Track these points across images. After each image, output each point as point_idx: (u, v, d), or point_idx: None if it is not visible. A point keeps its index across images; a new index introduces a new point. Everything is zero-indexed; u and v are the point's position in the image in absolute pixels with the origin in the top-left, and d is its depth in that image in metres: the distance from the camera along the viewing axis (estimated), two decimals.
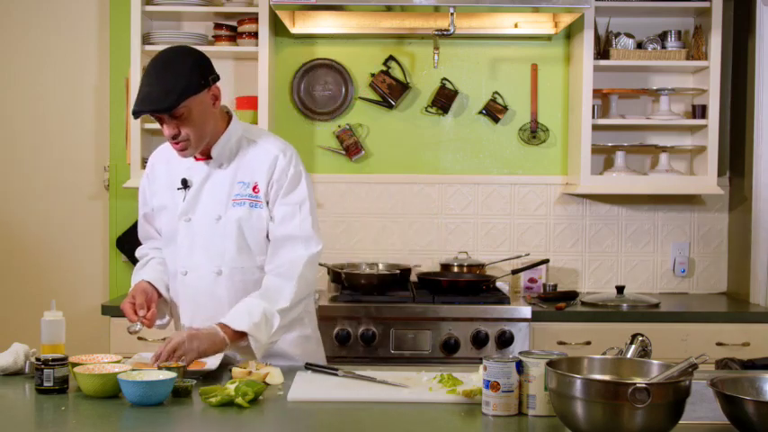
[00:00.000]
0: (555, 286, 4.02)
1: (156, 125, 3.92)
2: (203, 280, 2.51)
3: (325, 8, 3.84)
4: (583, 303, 3.82)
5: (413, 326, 3.57)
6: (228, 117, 2.53)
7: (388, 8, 3.92)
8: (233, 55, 4.10)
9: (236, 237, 2.46)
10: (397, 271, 3.81)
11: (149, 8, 3.92)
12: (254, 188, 2.47)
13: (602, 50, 4.02)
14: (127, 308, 2.44)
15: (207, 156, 2.50)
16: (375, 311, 3.58)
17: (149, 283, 2.56)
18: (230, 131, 2.50)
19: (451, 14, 3.68)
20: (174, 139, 2.40)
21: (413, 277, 3.98)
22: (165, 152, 2.59)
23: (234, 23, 4.04)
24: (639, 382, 1.70)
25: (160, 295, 2.57)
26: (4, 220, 4.27)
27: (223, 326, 2.33)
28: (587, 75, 3.89)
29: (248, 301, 2.40)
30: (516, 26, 4.02)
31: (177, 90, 2.32)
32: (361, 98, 4.17)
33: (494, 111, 4.16)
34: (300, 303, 2.48)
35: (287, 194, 2.48)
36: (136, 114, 2.38)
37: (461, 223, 4.20)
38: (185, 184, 2.51)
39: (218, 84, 2.46)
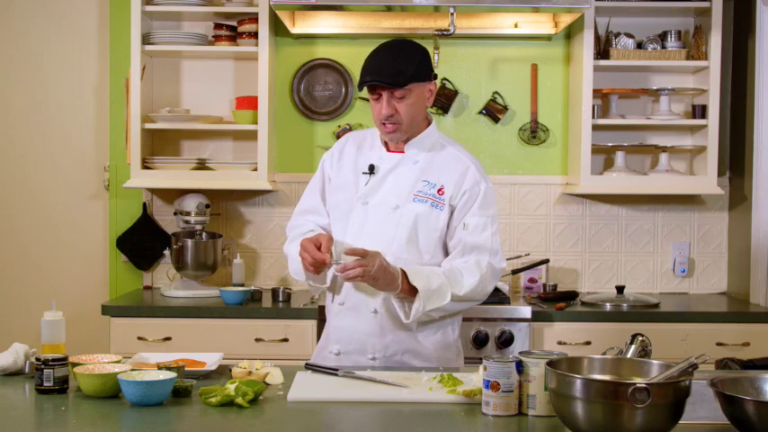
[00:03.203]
0: (555, 286, 4.03)
1: (156, 125, 3.97)
2: None
3: (325, 8, 3.84)
4: (583, 303, 3.82)
5: None
6: (429, 120, 2.63)
7: (388, 8, 3.92)
8: (233, 55, 4.10)
9: (410, 229, 2.51)
10: None
11: (149, 8, 3.92)
12: (440, 190, 2.54)
13: (602, 50, 4.02)
14: (313, 255, 2.41)
15: (400, 150, 2.59)
16: None
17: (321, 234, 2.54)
18: (429, 131, 2.59)
19: (451, 14, 3.68)
20: (389, 118, 2.48)
21: None
22: (358, 138, 2.68)
23: (234, 23, 4.04)
24: (639, 382, 1.70)
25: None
26: (4, 220, 4.27)
27: (402, 273, 2.40)
28: (587, 75, 3.89)
29: (432, 269, 2.48)
30: (516, 26, 4.02)
31: (408, 73, 2.45)
32: (361, 98, 4.16)
33: (494, 111, 4.16)
34: (467, 304, 2.53)
35: (482, 207, 2.54)
36: (366, 84, 2.47)
37: None
38: (372, 169, 2.58)
39: (434, 81, 2.57)
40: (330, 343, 2.62)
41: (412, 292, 2.41)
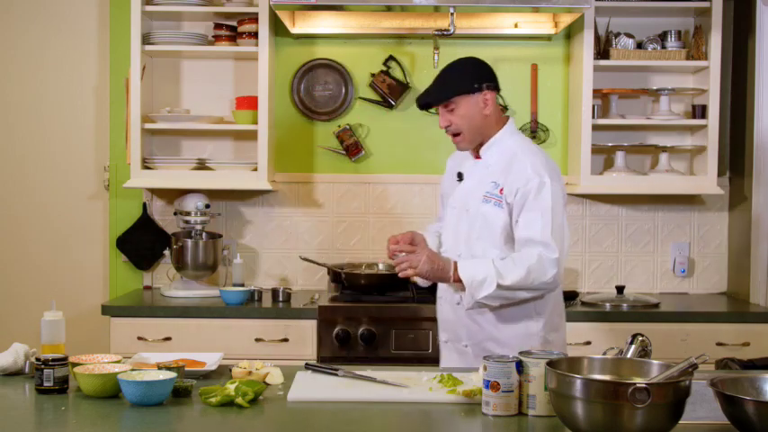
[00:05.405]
0: None
1: (156, 125, 3.98)
2: None
3: (325, 8, 3.84)
4: (583, 303, 3.81)
5: (413, 326, 3.57)
6: (503, 123, 2.78)
7: (388, 8, 3.92)
8: (233, 55, 4.10)
9: (480, 228, 2.72)
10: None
11: (149, 8, 3.92)
12: (501, 190, 2.70)
13: (602, 50, 4.02)
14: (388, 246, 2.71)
15: (479, 156, 2.81)
16: (375, 311, 3.58)
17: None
18: (500, 135, 2.76)
19: (451, 14, 3.68)
20: (448, 128, 2.75)
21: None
22: (459, 154, 2.93)
23: (234, 23, 4.04)
24: (639, 382, 1.70)
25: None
26: (4, 220, 4.27)
27: (455, 265, 2.61)
28: (587, 75, 3.89)
29: (484, 260, 2.64)
30: (516, 26, 4.02)
31: (448, 88, 2.71)
32: (361, 98, 4.17)
33: None
34: (523, 293, 2.62)
35: (535, 201, 2.65)
36: (419, 106, 2.81)
37: None
38: (460, 177, 2.84)
39: (492, 91, 2.73)
40: (440, 331, 2.89)
41: (461, 283, 2.61)
